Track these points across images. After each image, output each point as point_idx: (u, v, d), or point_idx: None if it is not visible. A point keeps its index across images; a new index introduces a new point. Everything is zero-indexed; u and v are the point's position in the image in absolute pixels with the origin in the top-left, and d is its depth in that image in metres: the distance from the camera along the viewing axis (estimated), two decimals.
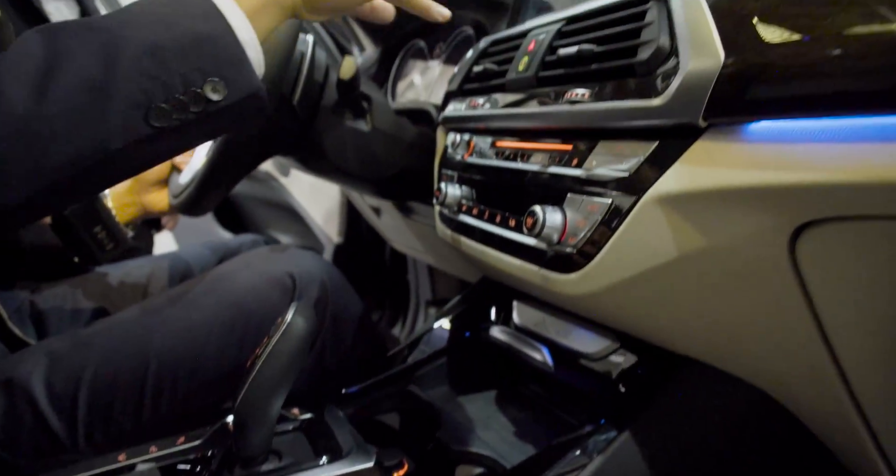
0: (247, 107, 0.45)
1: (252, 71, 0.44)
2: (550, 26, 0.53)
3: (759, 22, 0.32)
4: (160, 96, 0.40)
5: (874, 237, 0.30)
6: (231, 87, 0.43)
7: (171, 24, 0.41)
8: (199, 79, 0.41)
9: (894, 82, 0.26)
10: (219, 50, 0.42)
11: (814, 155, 0.29)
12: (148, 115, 0.40)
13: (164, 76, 0.40)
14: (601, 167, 0.43)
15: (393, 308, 1.75)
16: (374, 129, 0.83)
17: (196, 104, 0.42)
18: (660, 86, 0.38)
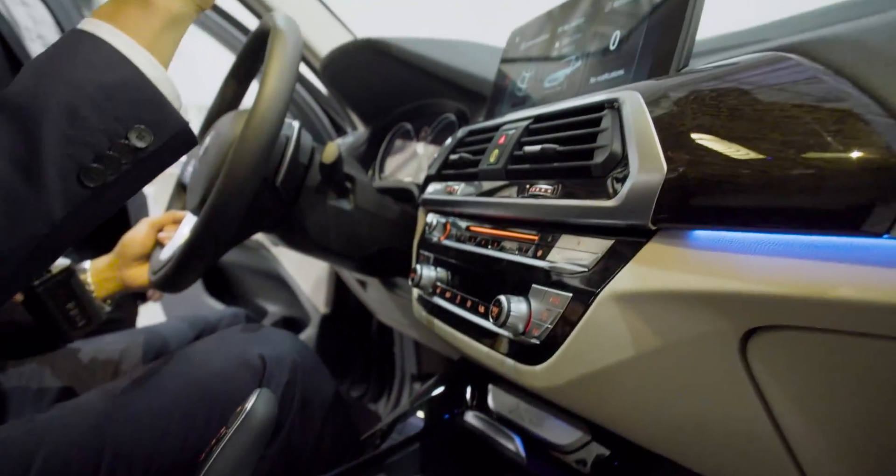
0: (177, 144, 0.45)
1: (172, 108, 0.44)
2: (520, 123, 0.57)
3: (696, 138, 0.34)
4: (88, 157, 0.40)
5: (814, 347, 0.30)
6: (156, 130, 0.42)
7: (78, 81, 0.40)
8: (122, 129, 0.41)
9: (815, 204, 0.27)
10: (133, 95, 0.42)
11: (750, 266, 0.30)
12: (81, 178, 0.40)
13: (87, 136, 0.40)
14: (563, 261, 0.44)
15: (379, 381, 1.71)
16: (357, 208, 0.85)
17: (126, 155, 0.41)
18: (613, 189, 0.40)
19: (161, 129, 0.43)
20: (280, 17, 0.70)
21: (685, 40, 0.43)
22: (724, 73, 0.36)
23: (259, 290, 1.99)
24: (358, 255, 0.88)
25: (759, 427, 0.36)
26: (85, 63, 0.41)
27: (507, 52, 0.73)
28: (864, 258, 0.26)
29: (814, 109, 0.29)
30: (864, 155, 0.25)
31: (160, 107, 0.43)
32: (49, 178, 0.39)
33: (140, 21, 0.44)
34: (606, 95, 0.45)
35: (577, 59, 0.58)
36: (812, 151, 0.28)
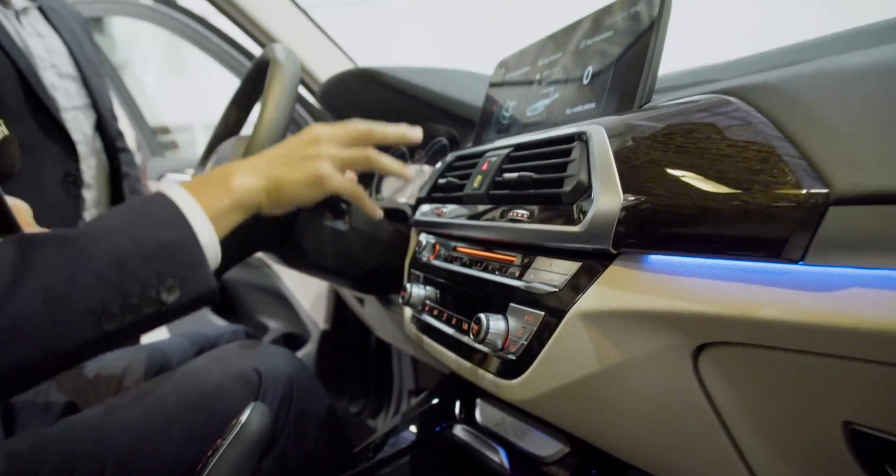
0: (198, 302, 0.47)
1: (208, 273, 0.47)
2: (501, 151, 0.60)
3: (648, 172, 0.38)
4: (116, 302, 0.42)
5: (753, 360, 0.33)
6: (185, 288, 0.45)
7: (138, 235, 0.44)
8: (157, 282, 0.44)
9: (743, 234, 0.31)
10: (181, 254, 0.45)
11: (695, 288, 0.34)
12: (101, 320, 0.42)
13: (124, 284, 0.42)
14: (537, 281, 0.48)
15: (377, 396, 1.73)
16: (353, 228, 0.89)
17: (149, 306, 0.44)
18: (579, 215, 0.43)
19: (190, 287, 0.46)
20: (280, 50, 0.74)
21: (646, 80, 0.47)
22: (675, 112, 0.40)
23: (260, 307, 2.02)
24: (353, 273, 0.91)
25: (713, 435, 0.39)
26: (152, 217, 0.46)
27: (494, 81, 0.77)
28: (785, 282, 0.29)
29: (743, 149, 0.32)
30: (781, 192, 0.29)
31: (198, 268, 0.46)
32: (71, 314, 0.41)
33: (214, 196, 0.51)
34: (576, 128, 0.49)
35: (555, 90, 0.62)
36: (740, 188, 0.31)
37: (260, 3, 1.12)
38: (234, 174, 0.54)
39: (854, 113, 0.29)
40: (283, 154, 0.58)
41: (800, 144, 0.30)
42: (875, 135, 0.28)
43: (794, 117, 0.31)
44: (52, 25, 1.18)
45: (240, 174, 0.54)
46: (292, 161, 0.58)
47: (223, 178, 0.53)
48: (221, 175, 0.54)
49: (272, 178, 0.56)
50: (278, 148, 0.59)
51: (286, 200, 0.58)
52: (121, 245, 0.44)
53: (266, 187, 0.56)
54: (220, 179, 0.53)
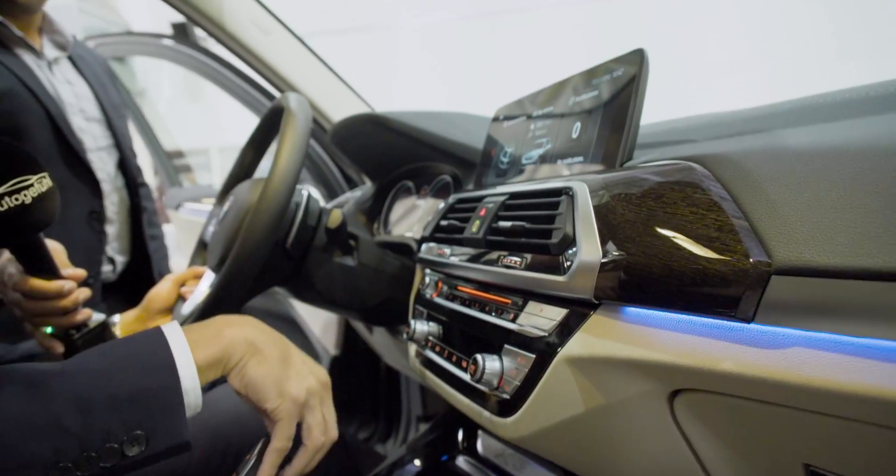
0: (162, 457, 0.42)
1: (183, 424, 0.43)
2: (498, 198, 0.65)
3: (623, 232, 0.42)
4: (72, 454, 0.37)
5: (721, 406, 0.37)
6: (153, 441, 0.40)
7: (115, 377, 0.40)
8: (123, 432, 0.39)
9: (702, 294, 0.34)
10: (156, 402, 0.41)
11: (666, 339, 0.37)
12: (48, 473, 0.37)
13: (85, 433, 0.38)
14: (528, 325, 0.51)
15: (386, 422, 1.75)
16: (360, 264, 0.94)
17: (107, 459, 0.39)
18: (566, 266, 0.47)
19: (159, 438, 0.41)
20: (293, 100, 0.80)
21: (626, 140, 0.52)
22: (649, 176, 0.44)
23: None
24: (362, 306, 0.96)
25: (691, 471, 0.42)
26: (137, 363, 0.42)
27: (492, 128, 0.82)
28: (740, 339, 0.33)
29: (703, 217, 0.36)
30: (732, 259, 0.33)
31: (173, 418, 0.42)
32: (13, 465, 0.36)
33: (204, 342, 0.48)
34: (563, 183, 0.53)
35: (547, 142, 0.66)
36: (699, 253, 0.35)
37: (278, 51, 1.20)
38: (227, 330, 0.51)
39: (793, 191, 0.33)
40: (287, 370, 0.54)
41: (749, 216, 0.34)
42: (808, 213, 0.31)
43: (745, 190, 0.35)
44: (80, 73, 1.26)
45: (231, 332, 0.52)
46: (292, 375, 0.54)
47: (217, 330, 0.51)
48: (217, 327, 0.52)
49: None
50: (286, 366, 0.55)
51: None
52: (93, 387, 0.39)
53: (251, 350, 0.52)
54: (214, 330, 0.51)
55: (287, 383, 0.52)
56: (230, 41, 1.14)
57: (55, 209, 0.55)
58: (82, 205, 1.19)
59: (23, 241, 0.53)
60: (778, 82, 4.72)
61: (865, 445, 0.30)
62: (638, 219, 0.41)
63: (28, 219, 0.49)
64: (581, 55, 6.57)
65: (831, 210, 0.30)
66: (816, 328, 0.30)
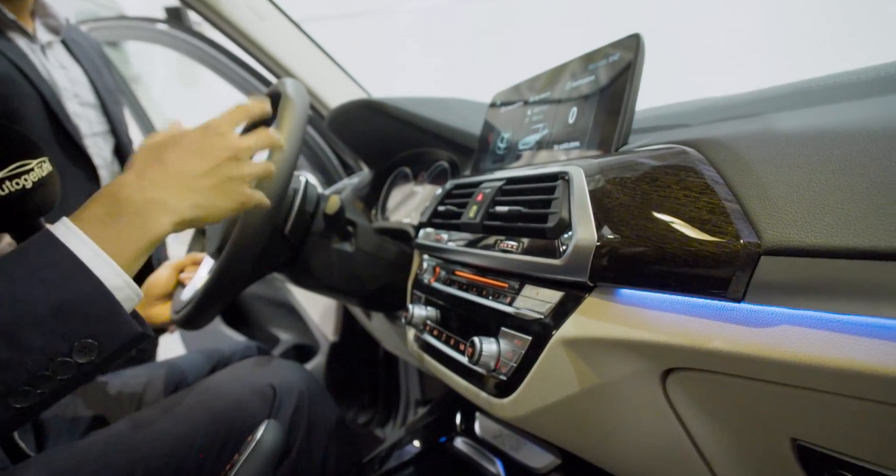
0: (124, 351, 0.42)
1: (128, 320, 0.42)
2: (495, 183, 0.65)
3: (617, 215, 0.42)
4: (21, 380, 0.37)
5: (711, 383, 0.38)
6: (104, 342, 0.40)
7: (26, 301, 0.38)
8: (66, 347, 0.39)
9: (694, 274, 0.35)
10: (87, 310, 0.40)
11: (657, 320, 0.38)
12: (8, 399, 0.37)
13: (23, 358, 0.37)
14: (525, 308, 0.52)
15: (385, 406, 1.77)
16: (358, 249, 0.94)
17: (64, 371, 0.39)
18: (561, 250, 0.48)
19: (109, 340, 0.41)
20: (290, 85, 0.80)
21: (622, 125, 0.52)
22: (643, 160, 0.45)
23: (271, 320, 2.07)
24: (360, 292, 0.96)
25: (684, 449, 0.43)
26: (40, 278, 0.39)
27: (489, 114, 0.82)
28: (730, 318, 0.34)
29: (696, 200, 0.37)
30: (723, 241, 0.34)
31: (113, 318, 0.41)
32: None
33: (126, 240, 0.44)
34: (560, 168, 0.54)
35: (544, 127, 0.67)
36: (691, 235, 0.36)
37: (273, 36, 1.19)
38: (150, 208, 0.46)
39: (783, 174, 0.34)
40: (204, 174, 0.50)
41: (740, 199, 0.34)
42: (797, 195, 0.32)
43: (737, 173, 0.36)
44: (74, 57, 1.25)
45: (158, 209, 0.46)
46: (218, 185, 0.50)
47: (136, 215, 0.45)
48: (133, 209, 0.45)
49: (198, 208, 0.49)
50: (194, 161, 0.50)
51: (200, 225, 0.52)
52: (8, 315, 0.38)
53: (189, 221, 0.49)
54: (133, 216, 0.45)
55: (240, 198, 0.53)
56: (226, 25, 1.13)
57: (56, 194, 0.55)
58: (79, 191, 1.19)
59: (23, 227, 0.53)
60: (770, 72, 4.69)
61: (850, 418, 0.31)
62: (632, 202, 0.42)
63: (29, 204, 0.49)
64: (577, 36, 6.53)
65: (819, 192, 0.31)
66: (804, 306, 0.30)
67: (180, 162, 0.49)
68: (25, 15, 1.14)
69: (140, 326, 0.44)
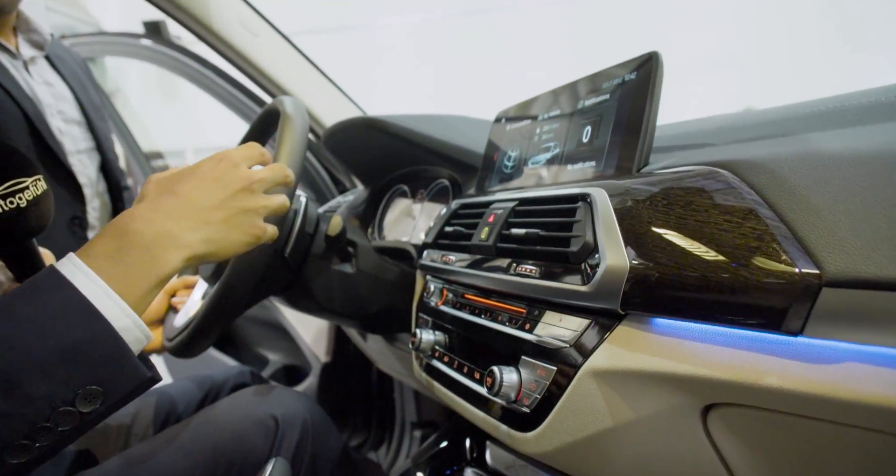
0: (131, 396, 0.40)
1: (136, 363, 0.39)
2: (507, 204, 0.63)
3: (652, 241, 0.40)
4: (20, 433, 0.35)
5: (760, 421, 0.36)
6: (110, 389, 0.37)
7: (28, 345, 0.35)
8: (70, 395, 0.36)
9: (744, 306, 0.33)
10: (93, 354, 0.37)
11: (701, 353, 0.36)
12: (4, 455, 0.34)
13: (23, 409, 0.34)
14: (547, 336, 0.50)
15: (379, 428, 1.73)
16: (359, 271, 0.91)
17: (66, 422, 0.36)
18: (588, 275, 0.46)
19: (116, 386, 0.38)
20: (289, 103, 0.77)
21: (643, 145, 0.51)
22: (672, 182, 0.43)
23: (261, 340, 2.02)
24: (361, 314, 0.93)
25: None
26: (44, 320, 0.37)
27: (494, 131, 0.80)
28: (786, 353, 0.32)
29: (739, 225, 0.35)
30: (778, 270, 0.32)
31: (121, 362, 0.39)
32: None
33: (136, 277, 0.41)
34: (580, 189, 0.52)
35: (555, 146, 0.65)
36: (739, 263, 0.34)
37: (266, 53, 1.16)
38: (161, 242, 0.43)
39: (836, 200, 0.32)
40: (217, 206, 0.47)
41: (791, 225, 0.33)
42: (857, 223, 0.30)
43: (784, 198, 0.34)
44: (58, 73, 1.21)
45: (169, 243, 0.43)
46: (231, 218, 0.48)
47: (146, 250, 0.42)
48: (144, 243, 0.42)
49: (211, 243, 0.46)
50: (207, 192, 0.47)
51: (211, 261, 0.49)
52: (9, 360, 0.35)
53: (201, 256, 0.46)
54: (143, 251, 0.42)
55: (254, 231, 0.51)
56: (219, 43, 1.11)
57: (50, 213, 0.52)
58: (64, 211, 1.14)
59: (16, 247, 0.50)
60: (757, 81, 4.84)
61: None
62: (666, 227, 0.40)
63: (23, 223, 0.46)
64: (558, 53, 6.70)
65: (884, 220, 0.30)
66: (869, 342, 0.29)
67: (193, 193, 0.47)
68: (7, 31, 1.10)
69: (148, 370, 0.41)
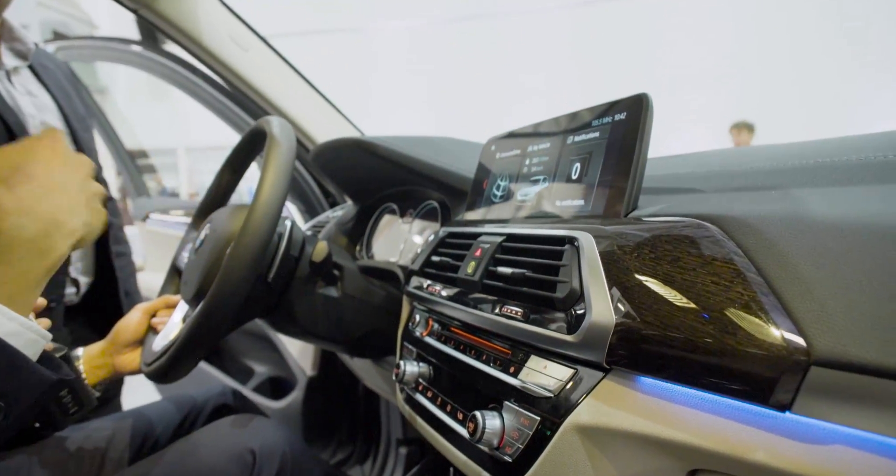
0: (42, 401, 0.38)
1: (33, 370, 0.38)
2: (494, 237, 0.62)
3: (638, 297, 0.39)
4: None
5: None
6: (12, 399, 0.36)
7: None
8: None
9: (731, 376, 0.32)
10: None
11: (688, 418, 0.35)
12: None
13: None
14: (531, 383, 0.49)
15: (364, 444, 1.71)
16: (345, 294, 0.90)
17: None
18: (573, 324, 0.45)
19: (17, 396, 0.36)
20: (276, 125, 0.75)
21: (632, 188, 0.50)
22: (661, 234, 0.42)
23: (247, 351, 1.99)
24: (346, 338, 0.92)
25: None
26: None
27: (484, 157, 0.79)
28: (775, 428, 0.31)
29: (727, 289, 0.34)
30: (766, 342, 0.31)
31: (17, 371, 0.36)
32: None
33: (21, 273, 0.39)
34: (567, 231, 0.51)
35: (544, 179, 0.64)
36: (726, 330, 0.33)
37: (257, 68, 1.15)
38: (48, 233, 0.41)
39: (827, 271, 0.31)
40: (80, 188, 0.47)
41: (780, 295, 0.32)
42: (850, 300, 0.30)
43: (773, 265, 0.33)
44: (42, 83, 1.19)
45: (56, 232, 0.42)
46: (89, 200, 0.47)
47: (32, 243, 0.40)
48: (27, 238, 0.40)
49: (87, 225, 0.47)
50: (64, 175, 0.46)
51: (83, 246, 0.49)
52: None
53: (80, 240, 0.46)
54: (28, 246, 0.40)
55: (101, 215, 0.50)
56: (208, 57, 1.09)
57: None
58: None
59: None
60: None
61: None
62: (653, 283, 0.39)
63: None
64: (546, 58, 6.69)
65: (876, 299, 0.29)
66: (859, 426, 0.28)
67: (53, 176, 0.44)
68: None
69: (55, 372, 0.38)
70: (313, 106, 1.27)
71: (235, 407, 1.01)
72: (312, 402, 1.68)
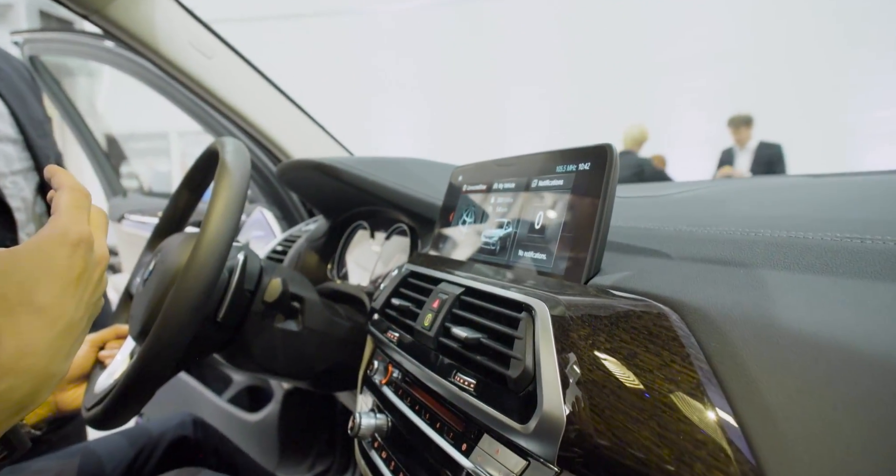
0: None
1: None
2: (453, 288, 0.57)
3: (591, 396, 0.35)
4: None
5: None
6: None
7: None
8: None
9: None
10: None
11: None
12: None
13: None
14: (482, 467, 0.44)
15: (343, 456, 1.68)
16: (306, 328, 0.85)
17: None
18: (525, 412, 0.40)
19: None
20: (230, 150, 0.69)
21: (592, 254, 0.45)
22: (620, 318, 0.37)
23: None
24: (307, 374, 0.87)
25: None
26: None
27: (451, 188, 0.74)
28: None
29: (687, 406, 0.29)
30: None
31: None
32: None
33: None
34: (524, 297, 0.46)
35: (508, 224, 0.59)
36: (682, 460, 0.28)
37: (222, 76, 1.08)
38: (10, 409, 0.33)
39: (793, 401, 0.27)
40: (85, 311, 0.39)
41: (743, 421, 0.27)
42: (810, 438, 0.25)
43: (738, 383, 0.29)
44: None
45: (17, 406, 0.33)
46: (89, 307, 0.40)
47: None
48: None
49: (65, 372, 0.37)
50: (74, 300, 0.37)
51: None
52: None
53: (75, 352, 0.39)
54: None
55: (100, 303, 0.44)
56: (169, 67, 1.02)
57: None
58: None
59: None
60: None
61: None
62: (608, 385, 0.34)
63: None
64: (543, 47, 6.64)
65: (847, 447, 0.24)
66: None
67: (62, 305, 0.36)
68: None
69: None
70: (285, 114, 1.21)
71: (195, 439, 0.96)
72: (290, 414, 1.65)
